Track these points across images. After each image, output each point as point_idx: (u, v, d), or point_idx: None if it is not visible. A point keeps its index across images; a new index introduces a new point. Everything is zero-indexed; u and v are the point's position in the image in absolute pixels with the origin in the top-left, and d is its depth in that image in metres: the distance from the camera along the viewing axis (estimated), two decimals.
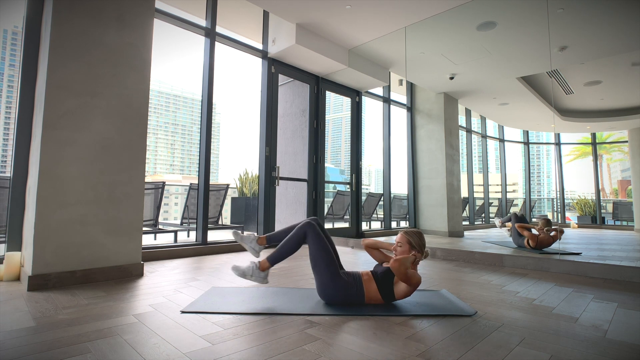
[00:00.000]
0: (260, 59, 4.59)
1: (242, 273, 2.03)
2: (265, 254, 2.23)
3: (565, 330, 1.61)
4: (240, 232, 2.18)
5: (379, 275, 1.90)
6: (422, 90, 6.64)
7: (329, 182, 5.66)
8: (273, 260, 2.02)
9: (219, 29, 4.01)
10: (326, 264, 1.89)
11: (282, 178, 4.80)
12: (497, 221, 5.02)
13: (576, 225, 5.55)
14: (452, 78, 5.59)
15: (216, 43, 3.98)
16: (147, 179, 3.49)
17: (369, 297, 1.89)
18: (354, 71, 4.98)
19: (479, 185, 6.39)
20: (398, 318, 1.73)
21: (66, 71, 2.43)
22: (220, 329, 1.56)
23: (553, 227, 4.09)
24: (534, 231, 4.21)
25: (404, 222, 6.94)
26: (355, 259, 3.65)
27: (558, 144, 5.63)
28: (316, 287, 1.96)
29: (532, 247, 4.11)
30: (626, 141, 5.37)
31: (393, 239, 2.04)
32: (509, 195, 6.09)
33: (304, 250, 3.81)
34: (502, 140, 6.36)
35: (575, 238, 5.02)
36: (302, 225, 2.00)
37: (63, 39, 2.43)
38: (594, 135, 5.61)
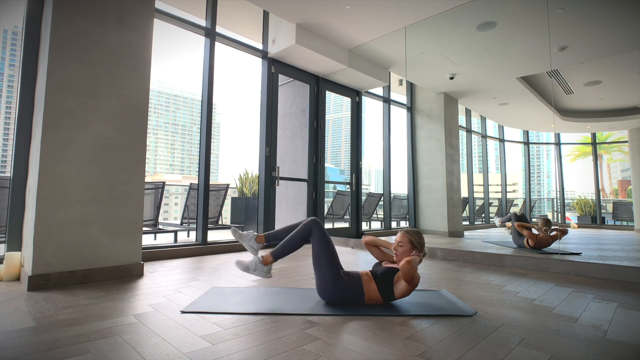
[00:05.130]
0: (260, 59, 4.59)
1: (246, 267, 2.03)
2: (264, 252, 2.22)
3: (565, 330, 1.61)
4: (239, 230, 2.18)
5: (379, 275, 1.90)
6: (422, 90, 6.64)
7: (329, 182, 5.66)
8: (276, 255, 2.03)
9: (219, 29, 4.01)
10: (328, 263, 1.89)
11: (282, 178, 4.80)
12: (497, 220, 5.02)
13: (576, 225, 5.54)
14: (452, 78, 5.59)
15: (216, 43, 3.98)
16: (147, 179, 3.49)
17: (369, 297, 1.89)
18: (354, 71, 4.98)
19: (479, 185, 6.39)
20: (398, 318, 1.73)
21: (66, 71, 2.43)
22: (220, 329, 1.56)
23: (554, 227, 4.08)
24: (534, 231, 4.21)
25: (404, 222, 6.94)
26: (355, 259, 3.65)
27: (558, 144, 5.63)
28: (316, 286, 1.96)
29: (532, 246, 4.11)
30: (626, 141, 5.37)
31: (393, 239, 2.04)
32: (509, 195, 6.09)
33: (304, 250, 3.81)
34: (502, 140, 6.36)
35: (575, 238, 5.02)
36: (307, 222, 1.99)
37: (63, 39, 2.43)
38: (594, 135, 5.60)
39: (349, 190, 5.72)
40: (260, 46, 4.60)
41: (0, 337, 1.43)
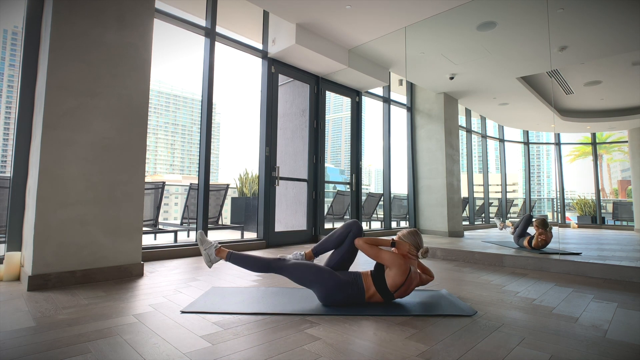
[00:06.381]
0: (260, 59, 4.59)
1: (201, 242, 2.12)
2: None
3: (565, 330, 1.61)
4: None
5: (374, 270, 1.93)
6: (422, 90, 6.64)
7: (329, 182, 5.66)
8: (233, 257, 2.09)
9: (219, 29, 4.01)
10: (325, 274, 1.90)
11: (282, 178, 4.80)
12: (509, 230, 4.91)
13: (576, 225, 5.55)
14: (452, 78, 5.59)
15: (216, 43, 3.97)
16: (147, 179, 3.49)
17: (369, 294, 1.89)
18: (354, 71, 4.98)
19: (479, 185, 6.39)
20: (398, 318, 1.73)
21: (66, 71, 2.43)
22: (220, 329, 1.56)
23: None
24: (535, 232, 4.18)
25: (404, 222, 6.94)
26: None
27: (558, 144, 5.63)
28: (317, 295, 1.92)
29: (533, 246, 4.11)
30: (626, 141, 5.37)
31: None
32: (509, 195, 6.09)
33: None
34: (502, 140, 6.36)
35: (575, 238, 5.02)
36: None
37: (63, 39, 2.43)
38: (594, 135, 5.61)
39: (349, 190, 5.72)
40: (260, 46, 4.60)
41: (0, 337, 1.43)
